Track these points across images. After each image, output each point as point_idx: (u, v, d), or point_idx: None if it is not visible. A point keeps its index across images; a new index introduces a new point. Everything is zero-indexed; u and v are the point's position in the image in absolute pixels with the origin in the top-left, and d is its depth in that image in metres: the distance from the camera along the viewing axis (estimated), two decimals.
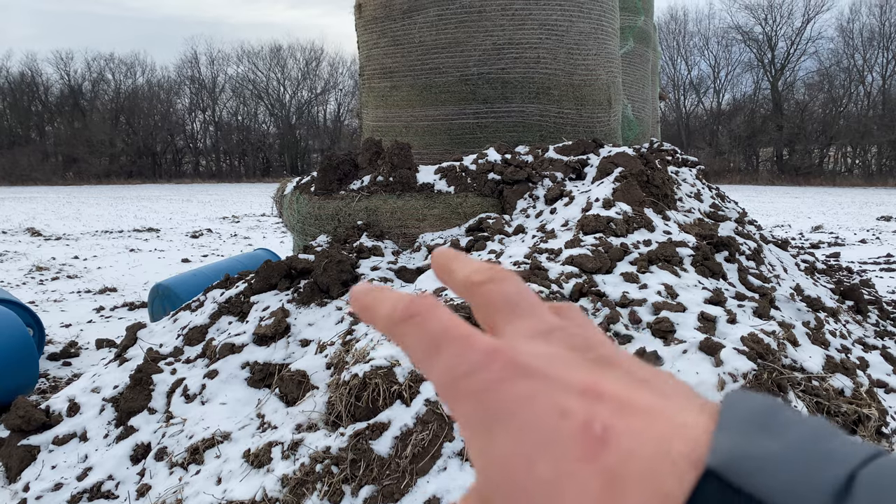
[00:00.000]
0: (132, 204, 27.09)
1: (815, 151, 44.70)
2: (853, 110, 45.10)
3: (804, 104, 45.90)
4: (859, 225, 18.51)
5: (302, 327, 4.06)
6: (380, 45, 6.27)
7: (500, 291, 0.37)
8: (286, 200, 5.77)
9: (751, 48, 48.14)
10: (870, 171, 43.10)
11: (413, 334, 0.34)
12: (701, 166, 7.18)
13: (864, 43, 44.89)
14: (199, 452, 3.40)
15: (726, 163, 45.56)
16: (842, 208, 23.98)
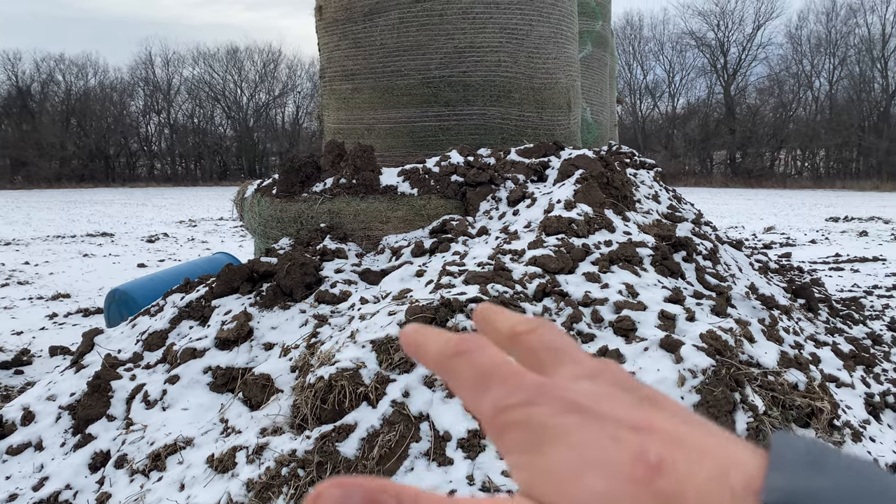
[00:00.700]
0: (85, 208, 26.42)
1: (767, 154, 45.93)
2: (802, 115, 46.49)
3: (755, 108, 47.14)
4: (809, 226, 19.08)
5: (265, 331, 4.02)
6: (341, 48, 6.26)
7: (544, 339, 0.38)
8: (247, 203, 5.71)
9: (704, 53, 49.26)
10: (818, 174, 44.45)
11: (464, 369, 0.35)
12: (658, 168, 7.32)
13: (811, 49, 46.32)
14: (160, 459, 3.35)
15: (681, 165, 46.49)
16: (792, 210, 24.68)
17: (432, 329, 0.39)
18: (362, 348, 3.19)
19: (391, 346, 3.19)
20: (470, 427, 2.88)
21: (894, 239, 15.82)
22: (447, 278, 3.80)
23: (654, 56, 51.84)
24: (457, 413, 2.93)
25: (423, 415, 2.95)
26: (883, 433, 3.91)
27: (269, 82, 53.59)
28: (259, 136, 52.78)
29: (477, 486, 2.69)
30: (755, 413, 2.79)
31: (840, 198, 31.20)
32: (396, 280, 4.13)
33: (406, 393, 3.02)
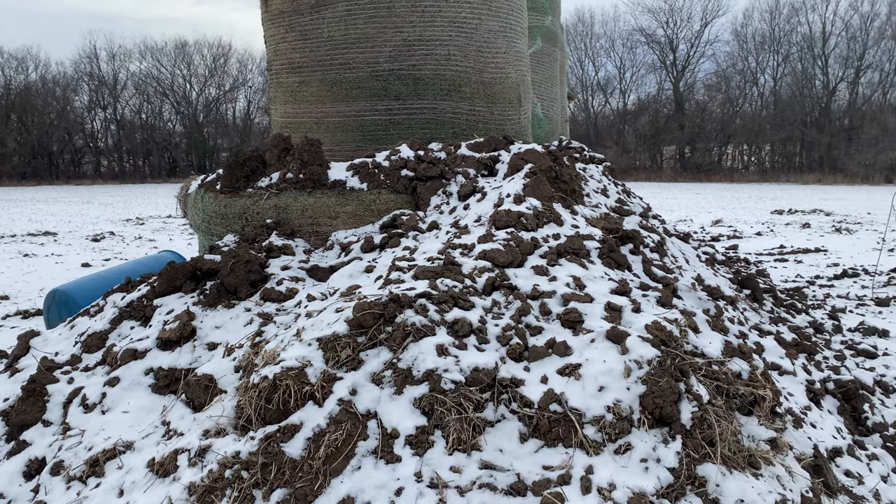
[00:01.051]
0: (26, 206, 25.54)
1: (715, 149, 47.00)
2: (748, 110, 47.73)
3: (704, 104, 48.19)
4: (755, 218, 19.57)
5: (209, 330, 3.92)
6: (287, 40, 6.14)
7: None
8: (190, 199, 5.56)
9: (654, 50, 50.12)
10: (764, 168, 45.71)
11: None
12: (607, 163, 7.39)
13: (756, 46, 47.55)
14: (99, 464, 3.23)
15: (632, 161, 47.23)
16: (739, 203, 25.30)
17: None
18: (308, 346, 3.12)
19: (338, 343, 3.14)
20: (418, 423, 2.84)
21: (835, 230, 16.34)
22: (396, 273, 3.76)
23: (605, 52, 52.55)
24: (405, 409, 2.89)
25: (370, 412, 2.90)
26: (823, 419, 4.01)
27: (219, 77, 52.63)
28: (209, 132, 51.80)
29: (425, 482, 2.66)
30: (700, 402, 2.82)
31: (784, 191, 32.12)
32: (345, 276, 4.06)
33: (353, 391, 2.96)
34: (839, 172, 39.26)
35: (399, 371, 3.02)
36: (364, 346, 3.15)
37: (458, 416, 2.85)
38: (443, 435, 2.83)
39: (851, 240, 14.71)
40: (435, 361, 3.02)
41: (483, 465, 2.73)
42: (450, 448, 2.78)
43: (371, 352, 3.13)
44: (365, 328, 3.20)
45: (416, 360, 3.04)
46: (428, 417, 2.88)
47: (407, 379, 2.99)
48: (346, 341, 3.14)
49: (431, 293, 3.40)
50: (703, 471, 2.62)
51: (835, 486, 3.16)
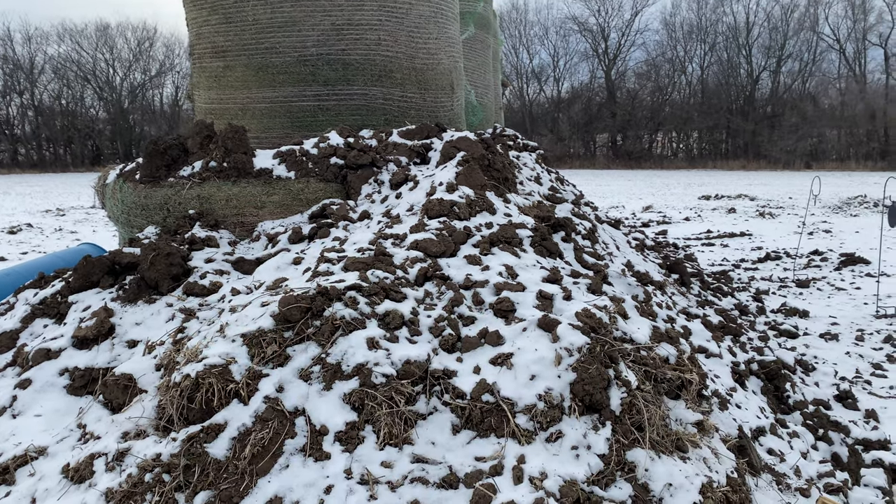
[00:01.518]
0: None
1: (645, 137, 48.13)
2: (677, 98, 49.01)
3: (634, 92, 49.23)
4: (684, 204, 20.13)
5: (128, 327, 3.74)
6: (210, 23, 5.90)
7: None
8: (109, 189, 5.30)
9: (586, 38, 50.87)
10: (692, 155, 47.10)
11: None
12: (540, 151, 7.42)
13: (684, 36, 48.81)
14: (9, 472, 3.04)
15: (567, 148, 47.94)
16: (668, 189, 25.99)
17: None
18: (232, 342, 3.01)
19: (264, 339, 3.03)
20: (348, 419, 2.77)
21: (759, 215, 16.96)
22: (325, 265, 3.66)
23: (539, 40, 53.08)
24: (334, 405, 2.82)
25: (298, 409, 2.82)
26: (748, 399, 4.13)
27: (144, 61, 50.77)
28: (135, 119, 49.98)
29: (356, 479, 2.59)
30: (629, 388, 2.84)
31: (711, 177, 33.17)
32: (272, 269, 3.94)
33: (280, 388, 2.87)
34: (763, 158, 40.80)
35: (328, 366, 2.94)
36: (291, 342, 3.05)
37: (389, 410, 2.80)
38: (374, 430, 2.77)
39: (774, 224, 15.29)
40: (365, 355, 2.95)
41: (415, 459, 2.69)
42: (381, 443, 2.73)
43: (298, 347, 3.04)
44: (292, 322, 3.11)
45: (346, 355, 2.96)
46: (358, 412, 2.81)
47: (336, 374, 2.92)
48: (272, 336, 3.04)
49: (362, 285, 3.32)
50: (633, 456, 2.64)
51: (758, 466, 3.24)
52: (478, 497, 2.49)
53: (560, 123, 49.46)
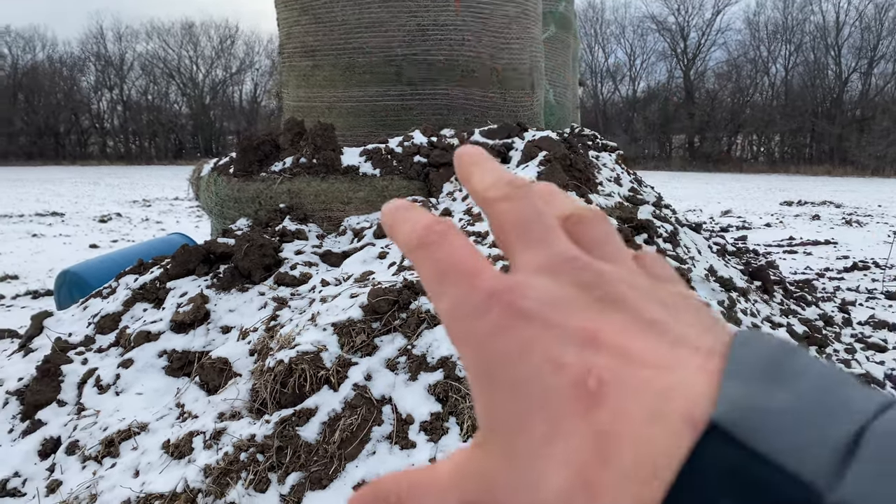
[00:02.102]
0: (33, 187, 25.60)
1: (724, 139, 46.75)
2: (759, 100, 47.43)
3: (714, 93, 47.90)
4: (764, 209, 19.50)
5: (222, 313, 3.93)
6: (301, 23, 6.10)
7: (515, 212, 0.33)
8: (203, 182, 5.56)
9: (664, 37, 49.80)
10: (773, 159, 45.48)
11: (423, 264, 0.32)
12: (620, 151, 7.35)
13: (768, 35, 47.17)
14: (114, 445, 3.25)
15: (641, 149, 47.06)
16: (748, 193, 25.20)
17: (409, 208, 0.35)
18: (323, 331, 3.13)
19: (353, 328, 3.14)
20: (433, 410, 2.85)
21: (845, 223, 16.27)
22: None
23: (615, 39, 52.24)
24: (419, 396, 2.90)
25: (385, 398, 2.91)
26: None
27: (225, 59, 52.54)
28: (215, 114, 51.77)
29: None
30: None
31: (793, 182, 31.97)
32: (358, 262, 4.06)
33: (368, 376, 2.97)
34: (850, 164, 39.03)
35: (413, 357, 3.03)
36: (379, 332, 3.15)
37: (472, 404, 2.86)
38: (457, 422, 2.83)
39: (862, 232, 14.64)
40: (449, 348, 3.02)
41: None
42: (464, 435, 2.79)
43: (386, 338, 3.14)
44: (379, 314, 3.21)
45: (431, 347, 3.04)
46: (442, 404, 2.88)
47: (422, 365, 3.00)
48: (360, 327, 3.15)
49: None
50: None
51: None
52: None
53: (635, 123, 48.58)
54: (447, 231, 0.32)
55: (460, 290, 0.30)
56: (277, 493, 2.65)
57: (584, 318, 0.29)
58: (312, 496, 2.63)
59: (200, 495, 2.67)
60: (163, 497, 2.67)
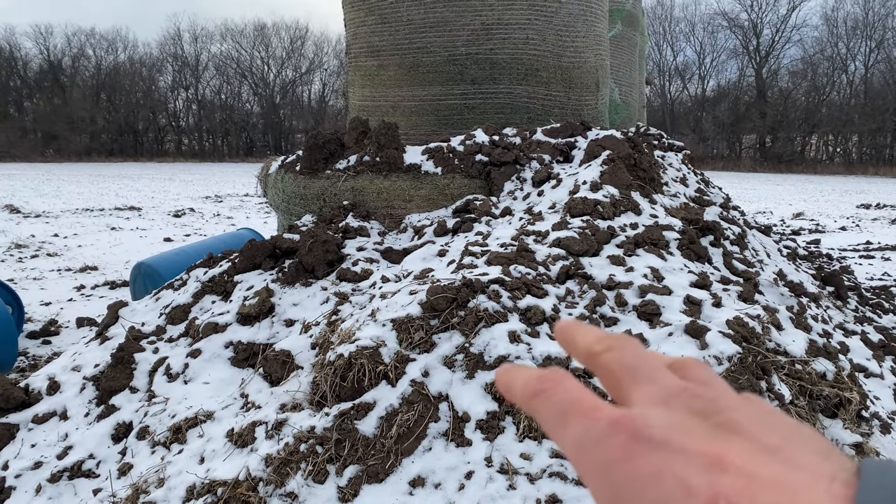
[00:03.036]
0: (113, 182, 26.74)
1: (798, 139, 45.01)
2: (835, 99, 45.45)
3: (787, 92, 46.18)
4: (839, 212, 18.70)
5: (286, 307, 4.02)
6: (367, 24, 6.19)
7: (620, 359, 0.37)
8: (271, 179, 5.71)
9: (736, 35, 48.28)
10: (850, 160, 43.51)
11: (543, 409, 0.36)
12: (686, 151, 7.18)
13: (847, 32, 45.17)
14: (181, 432, 3.37)
15: (710, 149, 45.78)
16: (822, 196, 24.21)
17: (519, 368, 0.39)
18: (383, 327, 3.17)
19: (412, 325, 3.17)
20: (489, 409, 2.86)
21: None
22: (469, 258, 3.77)
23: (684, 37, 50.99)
24: (476, 394, 2.91)
25: (442, 395, 2.93)
26: None
27: (295, 59, 53.66)
28: (285, 114, 52.95)
29: (495, 468, 2.67)
30: (781, 402, 2.73)
31: (872, 184, 30.55)
32: (418, 259, 4.10)
33: (426, 373, 3.00)
34: None
35: (471, 355, 3.04)
36: (437, 329, 3.17)
37: None
38: (513, 421, 2.83)
39: None
40: (507, 348, 3.02)
41: (554, 454, 2.72)
42: (520, 435, 2.79)
43: (443, 335, 3.16)
44: (438, 311, 3.23)
45: (488, 346, 3.05)
46: (499, 403, 2.89)
47: (479, 364, 3.01)
48: (419, 323, 3.17)
49: (504, 279, 3.40)
50: None
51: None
52: None
53: (703, 123, 47.30)
54: (561, 377, 0.36)
55: (582, 423, 0.33)
56: (335, 485, 2.70)
57: (706, 443, 0.30)
58: (369, 489, 2.68)
59: (262, 484, 2.75)
60: (226, 484, 2.76)
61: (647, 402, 0.34)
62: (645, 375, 0.36)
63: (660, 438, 0.30)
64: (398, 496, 2.63)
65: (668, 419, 0.32)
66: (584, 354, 0.39)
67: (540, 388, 0.36)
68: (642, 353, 0.37)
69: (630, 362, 0.37)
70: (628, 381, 0.36)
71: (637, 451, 0.30)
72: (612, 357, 0.37)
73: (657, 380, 0.35)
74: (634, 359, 0.37)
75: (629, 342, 0.38)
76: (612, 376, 0.37)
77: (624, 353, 0.37)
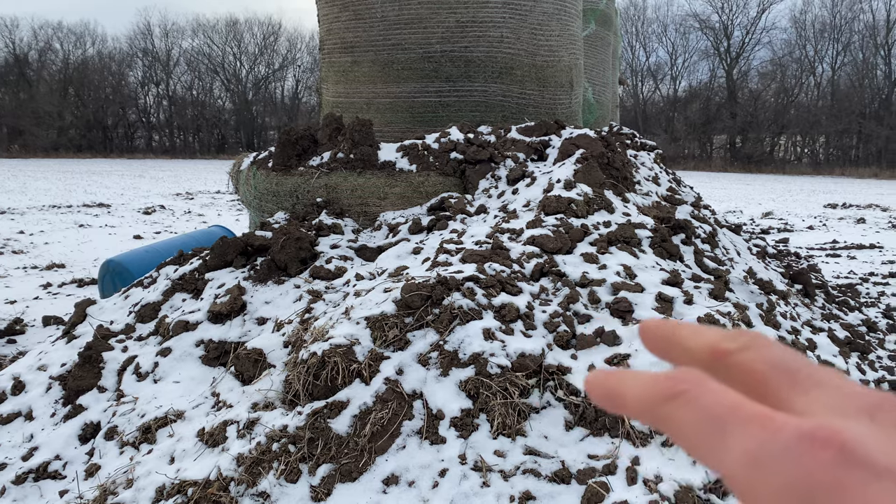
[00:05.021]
0: (82, 178, 26.27)
1: (767, 140, 45.74)
2: (804, 100, 46.26)
3: (757, 93, 46.89)
4: (807, 212, 19.05)
5: (258, 305, 3.98)
6: (341, 19, 6.15)
7: (766, 359, 0.30)
8: (243, 176, 5.64)
9: (707, 36, 48.89)
10: (818, 161, 44.35)
11: (684, 415, 0.28)
12: (659, 150, 7.25)
13: (815, 34, 45.98)
14: (151, 431, 3.33)
15: (681, 149, 46.31)
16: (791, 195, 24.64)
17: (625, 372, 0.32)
18: (357, 325, 3.15)
19: (386, 323, 3.16)
20: (463, 406, 2.85)
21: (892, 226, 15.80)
22: (444, 256, 3.76)
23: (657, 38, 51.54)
24: (450, 392, 2.91)
25: (416, 393, 2.92)
26: None
27: (268, 55, 53.15)
28: (258, 110, 52.44)
29: (469, 465, 2.67)
30: None
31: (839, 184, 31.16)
32: (393, 257, 4.08)
33: (400, 371, 2.99)
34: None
35: (445, 353, 3.03)
36: (411, 327, 3.16)
37: (503, 401, 2.85)
38: (487, 419, 2.83)
39: None
40: (481, 345, 3.02)
41: (527, 451, 2.73)
42: (494, 432, 2.79)
43: (418, 333, 3.15)
44: (412, 309, 3.22)
45: (463, 343, 3.04)
46: (473, 400, 2.88)
47: (453, 361, 3.00)
48: (393, 321, 3.16)
49: (479, 277, 3.40)
50: None
51: None
52: (590, 494, 2.50)
53: (675, 123, 47.83)
54: (701, 378, 0.29)
55: (756, 435, 0.26)
56: (308, 484, 2.68)
57: None
58: (342, 488, 2.66)
59: (233, 483, 2.71)
60: (196, 484, 2.72)
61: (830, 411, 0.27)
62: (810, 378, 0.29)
63: (884, 463, 0.24)
64: (371, 495, 2.62)
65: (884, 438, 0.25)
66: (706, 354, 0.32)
67: (677, 390, 0.29)
68: (790, 351, 0.31)
69: (780, 361, 0.30)
70: (788, 385, 0.29)
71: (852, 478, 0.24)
72: (756, 356, 0.31)
73: (828, 384, 0.29)
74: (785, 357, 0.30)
75: (766, 338, 0.31)
76: (760, 379, 0.30)
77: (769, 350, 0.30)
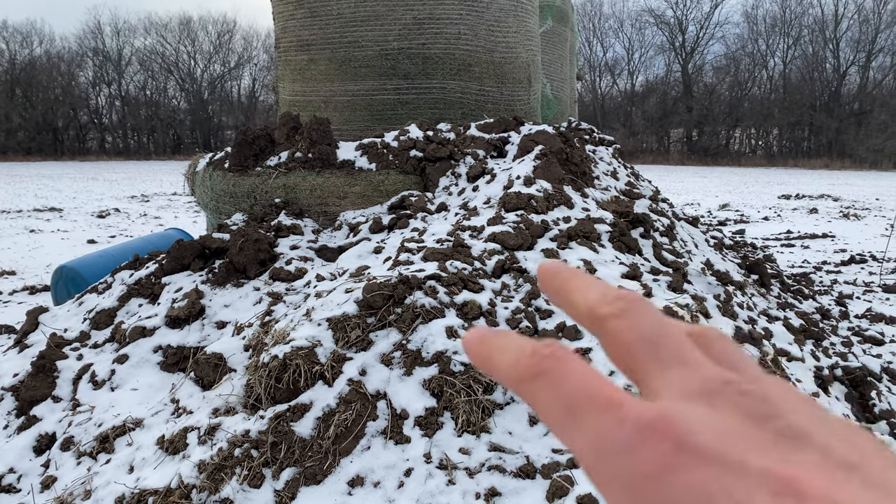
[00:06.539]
0: (32, 182, 25.53)
1: (722, 133, 46.68)
2: (757, 94, 47.33)
3: (712, 87, 47.80)
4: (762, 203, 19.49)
5: (217, 309, 3.92)
6: (296, 17, 6.07)
7: (636, 328, 0.29)
8: (199, 177, 5.54)
9: (662, 31, 49.69)
10: (771, 153, 45.44)
11: (544, 397, 0.28)
12: (617, 145, 7.34)
13: (766, 29, 47.06)
14: (109, 441, 3.25)
15: (640, 143, 46.99)
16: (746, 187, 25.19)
17: (501, 335, 0.31)
18: (318, 326, 3.12)
19: (348, 324, 3.13)
20: (427, 405, 2.85)
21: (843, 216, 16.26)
22: (406, 255, 3.75)
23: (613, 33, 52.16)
24: (414, 391, 2.90)
25: (380, 393, 2.91)
26: (832, 406, 4.00)
27: (223, 54, 52.36)
28: (214, 109, 51.64)
29: (434, 464, 2.66)
30: None
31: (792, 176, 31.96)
32: (354, 257, 4.05)
33: (363, 371, 2.97)
34: (847, 157, 39.03)
35: (409, 352, 3.02)
36: (374, 327, 3.14)
37: (467, 399, 2.85)
38: (452, 416, 2.83)
39: (859, 226, 14.65)
40: (444, 343, 3.02)
41: (492, 448, 2.74)
42: (459, 430, 2.79)
43: (380, 333, 3.13)
44: (374, 309, 3.20)
45: (426, 342, 3.04)
46: (437, 399, 2.88)
47: (416, 360, 2.99)
48: (355, 322, 3.14)
49: (441, 275, 3.39)
50: None
51: None
52: (555, 488, 2.52)
53: (633, 118, 48.50)
54: (565, 357, 0.28)
55: (602, 423, 0.26)
56: (272, 489, 2.64)
57: (771, 459, 0.24)
58: (307, 491, 2.63)
59: (195, 491, 2.66)
60: (157, 493, 2.66)
61: (680, 393, 0.27)
62: (672, 355, 0.28)
63: (712, 449, 0.24)
64: (337, 497, 2.60)
65: (719, 423, 0.25)
66: (585, 315, 0.31)
67: (540, 368, 0.28)
68: (663, 321, 0.29)
69: (650, 334, 0.29)
70: (650, 360, 0.28)
71: (681, 465, 0.24)
72: (626, 325, 0.29)
73: (689, 363, 0.28)
74: (655, 328, 0.29)
75: (643, 305, 0.30)
76: (626, 350, 0.29)
77: (641, 320, 0.29)
